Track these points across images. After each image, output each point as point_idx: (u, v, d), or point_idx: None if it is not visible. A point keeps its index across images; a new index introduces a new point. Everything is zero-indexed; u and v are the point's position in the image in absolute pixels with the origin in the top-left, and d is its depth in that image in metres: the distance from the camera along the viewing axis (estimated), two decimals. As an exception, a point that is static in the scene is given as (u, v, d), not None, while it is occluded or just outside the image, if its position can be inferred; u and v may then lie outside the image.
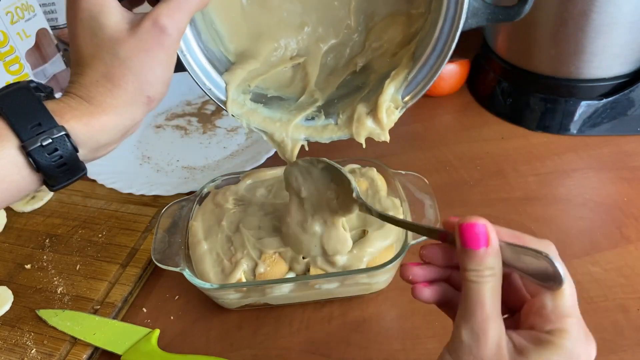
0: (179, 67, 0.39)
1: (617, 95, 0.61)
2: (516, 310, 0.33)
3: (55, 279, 0.53)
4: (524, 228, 0.53)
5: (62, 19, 0.83)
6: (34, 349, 0.47)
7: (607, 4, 0.54)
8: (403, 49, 0.45)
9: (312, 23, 0.47)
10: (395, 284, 0.49)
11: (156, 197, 0.61)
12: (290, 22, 0.46)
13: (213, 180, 0.54)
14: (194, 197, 0.52)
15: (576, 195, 0.56)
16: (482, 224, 0.31)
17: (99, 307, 0.50)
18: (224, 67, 0.43)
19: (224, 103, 0.42)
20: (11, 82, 0.37)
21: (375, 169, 0.52)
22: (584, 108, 0.62)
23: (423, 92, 0.41)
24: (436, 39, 0.39)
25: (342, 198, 0.44)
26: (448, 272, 0.35)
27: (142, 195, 0.61)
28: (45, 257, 0.56)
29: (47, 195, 0.63)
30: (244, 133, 0.71)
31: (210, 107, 0.77)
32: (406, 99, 0.41)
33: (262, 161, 0.63)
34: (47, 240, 0.58)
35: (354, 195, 0.43)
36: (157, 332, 0.47)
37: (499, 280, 0.30)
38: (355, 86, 0.45)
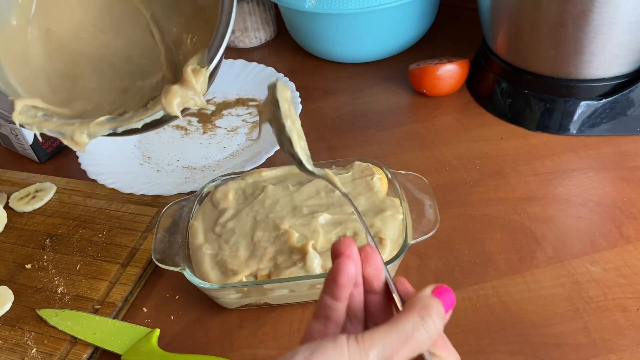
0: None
1: (616, 96, 0.61)
2: None
3: (55, 278, 0.53)
4: (523, 228, 0.53)
5: None
6: (35, 349, 0.47)
7: (606, 4, 0.54)
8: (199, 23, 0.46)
9: (129, 84, 0.47)
10: (395, 284, 0.49)
11: (156, 197, 0.61)
12: (106, 88, 0.47)
13: (213, 180, 0.54)
14: (194, 197, 0.52)
15: (576, 195, 0.56)
16: (454, 296, 0.31)
17: (99, 306, 0.50)
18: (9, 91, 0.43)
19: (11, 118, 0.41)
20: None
21: (376, 167, 0.52)
22: (583, 108, 0.62)
23: (223, 45, 0.40)
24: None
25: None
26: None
27: (143, 195, 0.61)
28: (45, 256, 0.56)
29: (47, 195, 0.63)
30: (244, 133, 0.71)
31: (210, 107, 0.77)
32: (210, 56, 0.40)
33: (262, 161, 0.63)
34: (47, 240, 0.58)
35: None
36: (157, 331, 0.47)
37: (428, 344, 0.29)
38: None
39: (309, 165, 0.37)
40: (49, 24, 0.48)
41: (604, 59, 0.59)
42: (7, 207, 0.63)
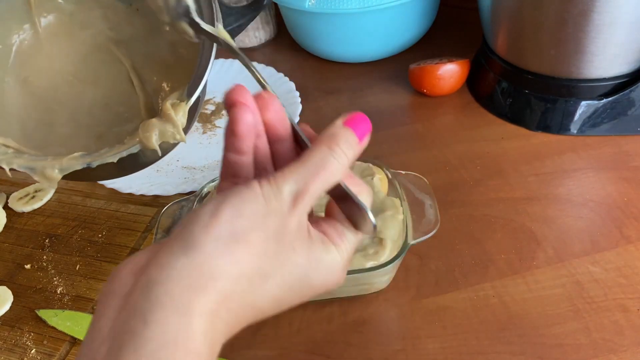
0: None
1: (617, 95, 0.61)
2: None
3: (55, 279, 0.53)
4: (524, 228, 0.53)
5: None
6: (34, 349, 0.47)
7: (607, 4, 0.54)
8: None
9: (106, 132, 0.47)
10: (395, 284, 0.49)
11: (156, 197, 0.61)
12: (83, 135, 0.46)
13: (213, 180, 0.54)
14: (194, 197, 0.52)
15: (576, 195, 0.56)
16: (370, 127, 0.31)
17: (98, 307, 0.50)
18: None
19: None
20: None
21: (376, 167, 0.52)
22: (584, 108, 0.62)
23: (202, 83, 0.40)
24: (201, 44, 0.40)
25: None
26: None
27: (142, 195, 0.61)
28: (45, 257, 0.56)
29: (47, 195, 0.63)
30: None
31: (210, 107, 0.77)
32: (190, 91, 0.39)
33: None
34: (47, 240, 0.58)
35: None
36: (157, 332, 0.47)
37: (340, 175, 0.29)
38: None
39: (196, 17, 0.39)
40: (27, 73, 0.47)
41: (605, 59, 0.59)
42: (6, 207, 0.63)
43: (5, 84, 0.46)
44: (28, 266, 0.55)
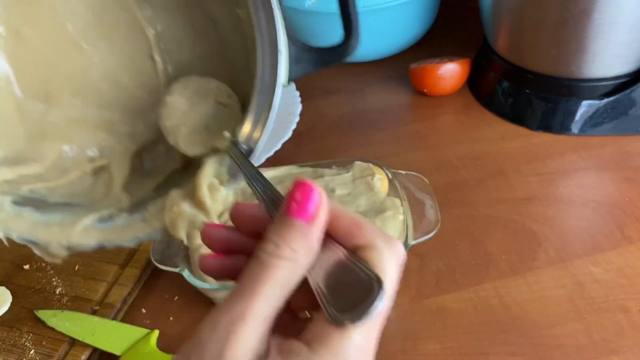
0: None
1: (618, 95, 0.60)
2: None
3: (54, 279, 0.53)
4: (525, 228, 0.53)
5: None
6: (33, 350, 0.47)
7: (608, 4, 0.54)
8: None
9: (115, 120, 0.39)
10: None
11: (155, 197, 0.61)
12: (86, 120, 0.38)
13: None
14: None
15: (577, 195, 0.56)
16: (319, 192, 0.24)
17: (97, 307, 0.50)
18: None
19: None
20: None
21: (376, 167, 0.52)
22: (585, 108, 0.62)
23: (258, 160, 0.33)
24: (257, 97, 0.33)
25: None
26: (251, 243, 0.27)
27: (142, 196, 0.60)
28: (44, 257, 0.56)
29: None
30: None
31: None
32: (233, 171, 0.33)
33: (262, 161, 0.62)
34: (46, 241, 0.57)
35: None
36: (156, 332, 0.47)
37: (298, 275, 0.23)
38: (178, 184, 0.37)
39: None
40: (20, 23, 0.37)
41: (606, 59, 0.59)
42: (5, 207, 0.63)
43: None
44: (27, 266, 0.55)
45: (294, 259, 0.23)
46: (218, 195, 0.32)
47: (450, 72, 0.69)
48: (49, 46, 0.38)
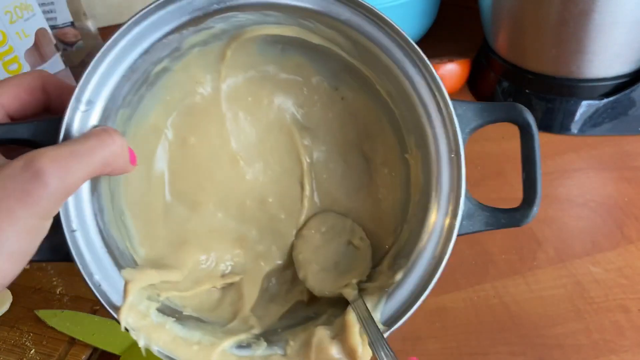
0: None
1: (618, 95, 0.60)
2: None
3: (54, 279, 0.53)
4: (524, 228, 0.52)
5: (61, 19, 0.83)
6: (33, 349, 0.47)
7: (608, 3, 0.54)
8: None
9: (252, 237, 0.40)
10: (396, 285, 0.49)
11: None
12: (226, 232, 0.39)
13: None
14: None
15: (577, 195, 0.56)
16: None
17: (98, 307, 0.50)
18: (127, 262, 0.33)
19: (117, 309, 0.31)
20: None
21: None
22: (584, 108, 0.62)
23: (409, 314, 0.33)
24: (422, 247, 0.33)
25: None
26: None
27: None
28: (44, 257, 0.56)
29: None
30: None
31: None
32: (388, 321, 0.32)
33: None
34: (46, 240, 0.57)
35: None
36: (156, 332, 0.47)
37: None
38: (305, 317, 0.37)
39: None
40: (189, 132, 0.39)
41: (606, 59, 0.59)
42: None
43: (162, 139, 0.38)
44: (27, 266, 0.54)
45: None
46: (367, 351, 0.30)
47: (450, 72, 0.69)
48: (208, 157, 0.39)
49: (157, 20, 0.31)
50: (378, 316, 0.31)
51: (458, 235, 0.33)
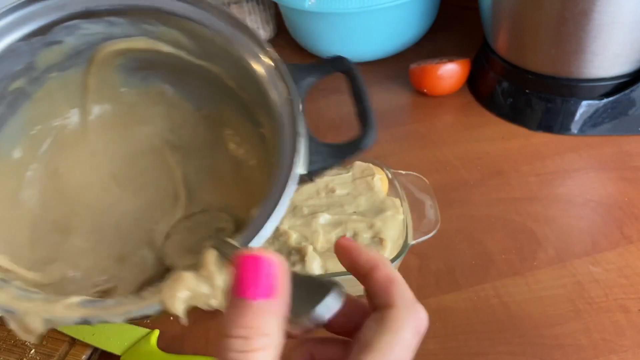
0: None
1: (618, 95, 0.60)
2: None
3: (54, 279, 0.53)
4: (524, 228, 0.53)
5: None
6: (33, 349, 0.47)
7: (608, 4, 0.54)
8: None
9: (128, 251, 0.40)
10: (396, 285, 0.49)
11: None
12: (100, 250, 0.40)
13: None
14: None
15: (577, 195, 0.56)
16: (270, 261, 0.20)
17: (98, 307, 0.50)
18: None
19: None
20: None
21: (376, 167, 0.52)
22: (584, 108, 0.62)
23: (269, 231, 0.31)
24: (272, 187, 0.33)
25: None
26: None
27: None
28: (44, 257, 0.56)
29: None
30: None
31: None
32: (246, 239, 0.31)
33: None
34: (46, 241, 0.57)
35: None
36: (156, 332, 0.47)
37: (279, 352, 0.20)
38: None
39: None
40: (60, 164, 0.40)
41: (606, 59, 0.59)
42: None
43: (30, 173, 0.39)
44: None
45: (271, 345, 0.20)
46: (225, 270, 0.29)
47: (450, 72, 0.69)
48: (80, 185, 0.40)
49: (3, 26, 0.32)
50: (236, 243, 0.30)
51: (311, 172, 0.35)
